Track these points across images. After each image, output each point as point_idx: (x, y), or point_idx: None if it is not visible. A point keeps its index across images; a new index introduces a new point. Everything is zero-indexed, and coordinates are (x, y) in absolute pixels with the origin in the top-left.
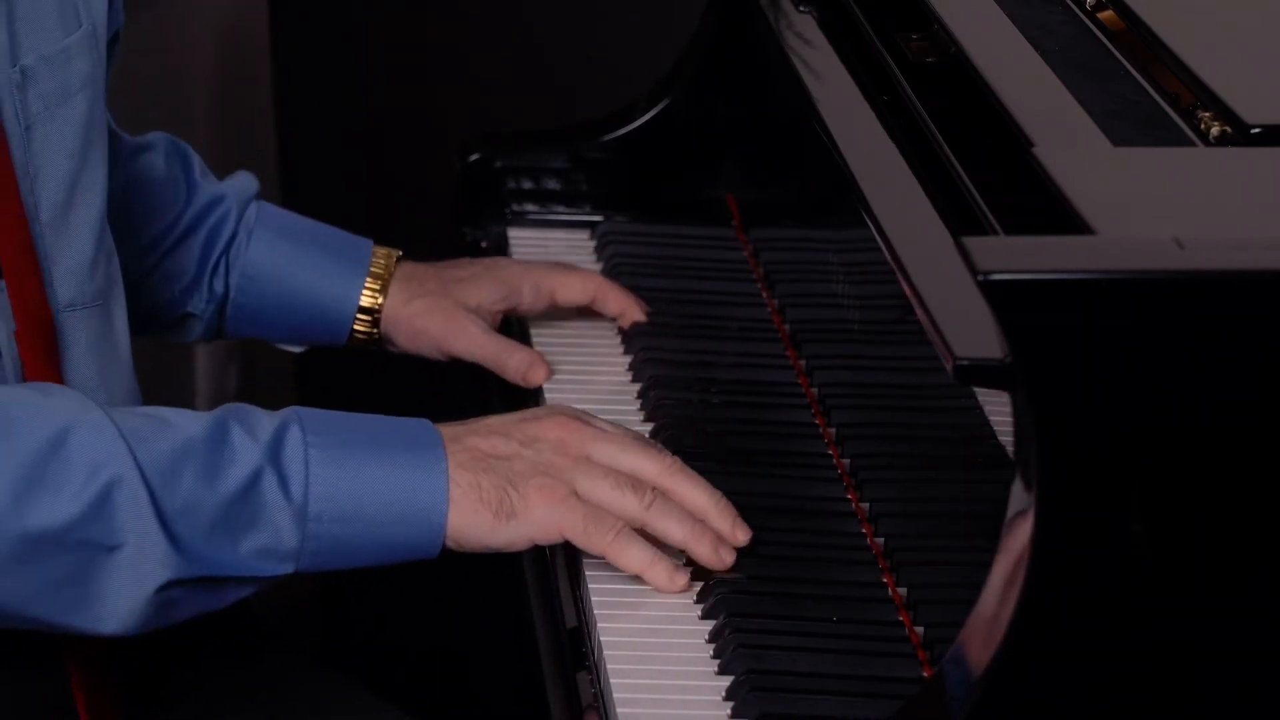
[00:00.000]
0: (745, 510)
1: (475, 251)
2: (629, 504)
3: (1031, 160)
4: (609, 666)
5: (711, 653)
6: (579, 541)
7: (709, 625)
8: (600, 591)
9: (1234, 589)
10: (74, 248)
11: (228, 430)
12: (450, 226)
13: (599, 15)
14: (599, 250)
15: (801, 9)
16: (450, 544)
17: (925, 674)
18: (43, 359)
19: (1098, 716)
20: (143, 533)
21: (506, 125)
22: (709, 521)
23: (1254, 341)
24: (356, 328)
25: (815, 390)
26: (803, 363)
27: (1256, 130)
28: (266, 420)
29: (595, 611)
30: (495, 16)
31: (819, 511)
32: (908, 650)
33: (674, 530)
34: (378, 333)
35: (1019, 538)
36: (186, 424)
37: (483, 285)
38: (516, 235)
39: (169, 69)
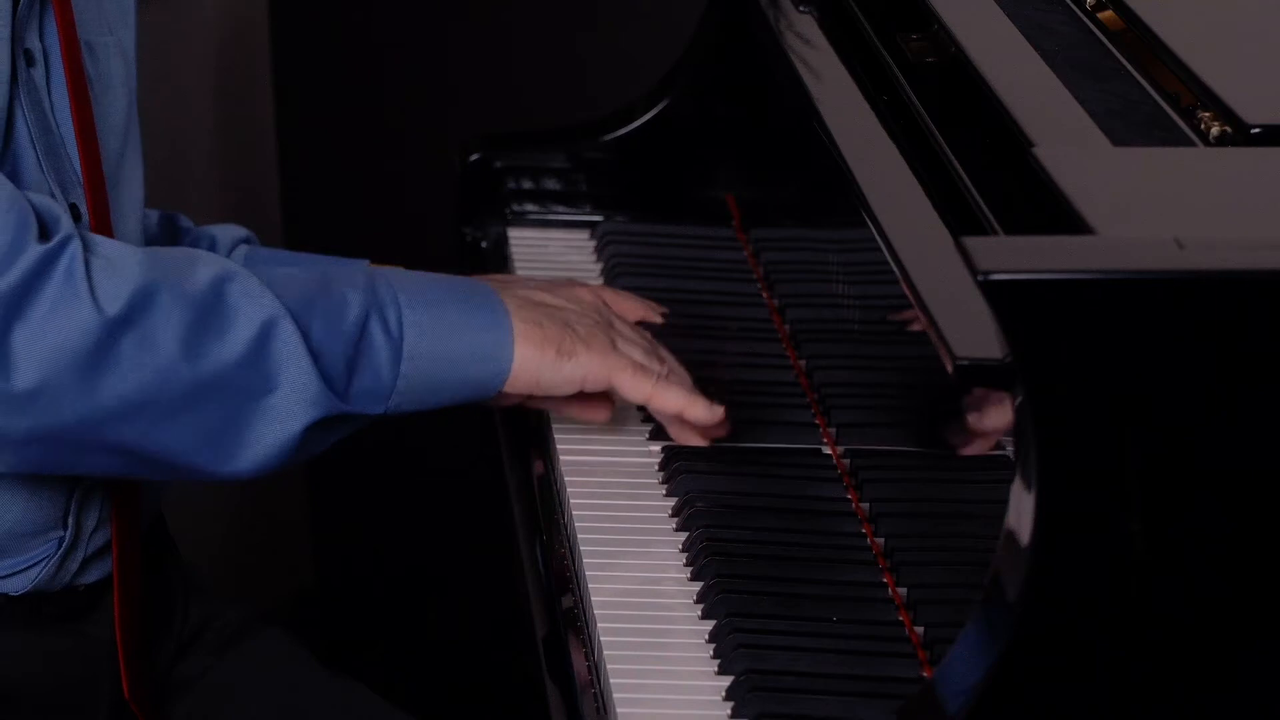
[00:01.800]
0: (745, 510)
1: (475, 251)
2: (655, 365)
3: (1031, 160)
4: (609, 666)
5: (711, 653)
6: (626, 386)
7: (709, 625)
8: (600, 592)
9: (1234, 588)
10: (122, 223)
11: (330, 281)
12: (450, 226)
13: (599, 15)
14: (599, 250)
15: (801, 9)
16: (508, 384)
17: (925, 674)
18: None
19: (1098, 716)
20: (297, 374)
21: (507, 125)
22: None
23: (1254, 341)
24: None
25: (815, 390)
26: (803, 363)
27: (1256, 130)
28: (355, 273)
29: (595, 612)
30: (495, 16)
31: (819, 511)
32: (908, 650)
33: (682, 390)
34: None
35: (1019, 537)
36: (295, 275)
37: None
38: (516, 235)
39: (169, 69)
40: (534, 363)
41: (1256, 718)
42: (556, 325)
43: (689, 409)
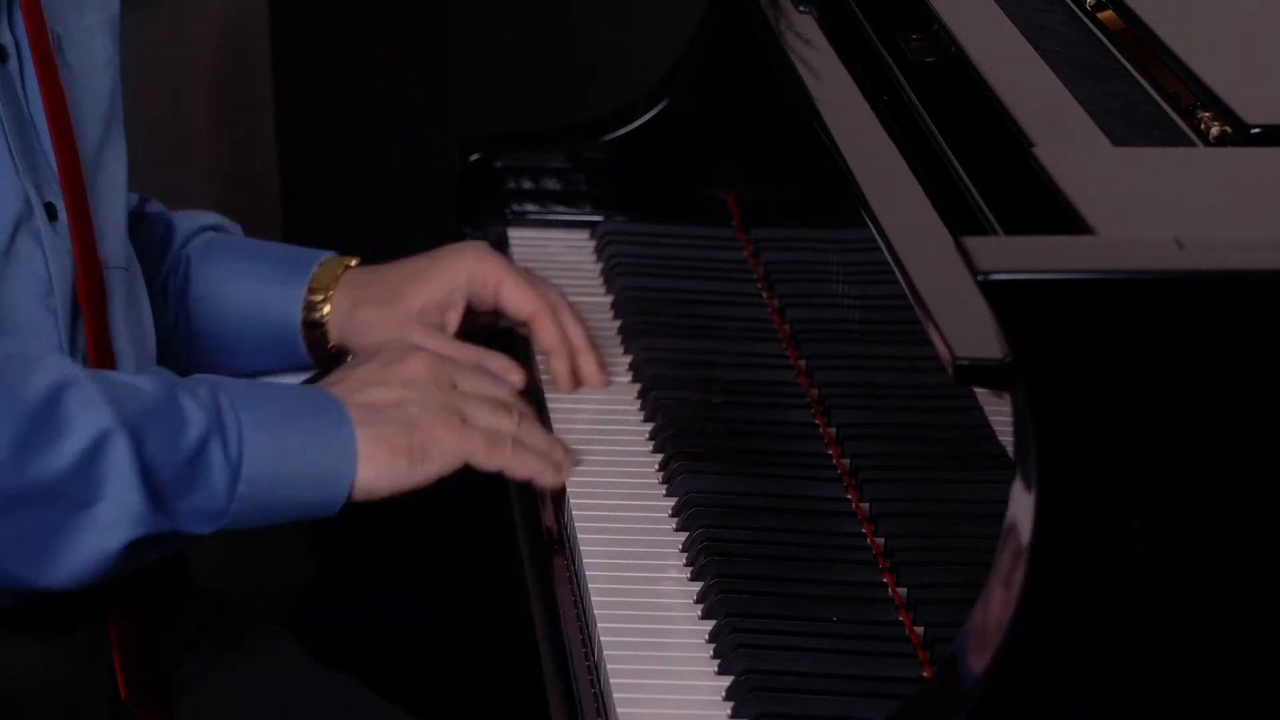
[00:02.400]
0: (745, 510)
1: None
2: (506, 424)
3: (1031, 160)
4: (609, 666)
5: (711, 653)
6: (483, 462)
7: (709, 625)
8: (600, 592)
9: (1234, 588)
10: (104, 209)
11: (176, 394)
12: (450, 226)
13: (599, 15)
14: (599, 250)
15: (801, 9)
16: (359, 496)
17: (925, 674)
18: (99, 308)
19: (1098, 716)
20: (123, 488)
21: (507, 125)
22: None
23: (1254, 341)
24: (314, 343)
25: (815, 390)
26: (803, 363)
27: (1256, 130)
28: (200, 388)
29: (595, 611)
30: (495, 16)
31: (819, 511)
32: (908, 650)
33: (539, 445)
34: (335, 347)
35: (1019, 537)
36: (139, 385)
37: (425, 283)
38: (516, 235)
39: (169, 69)
40: (386, 476)
41: (1257, 718)
42: (401, 428)
43: (539, 476)
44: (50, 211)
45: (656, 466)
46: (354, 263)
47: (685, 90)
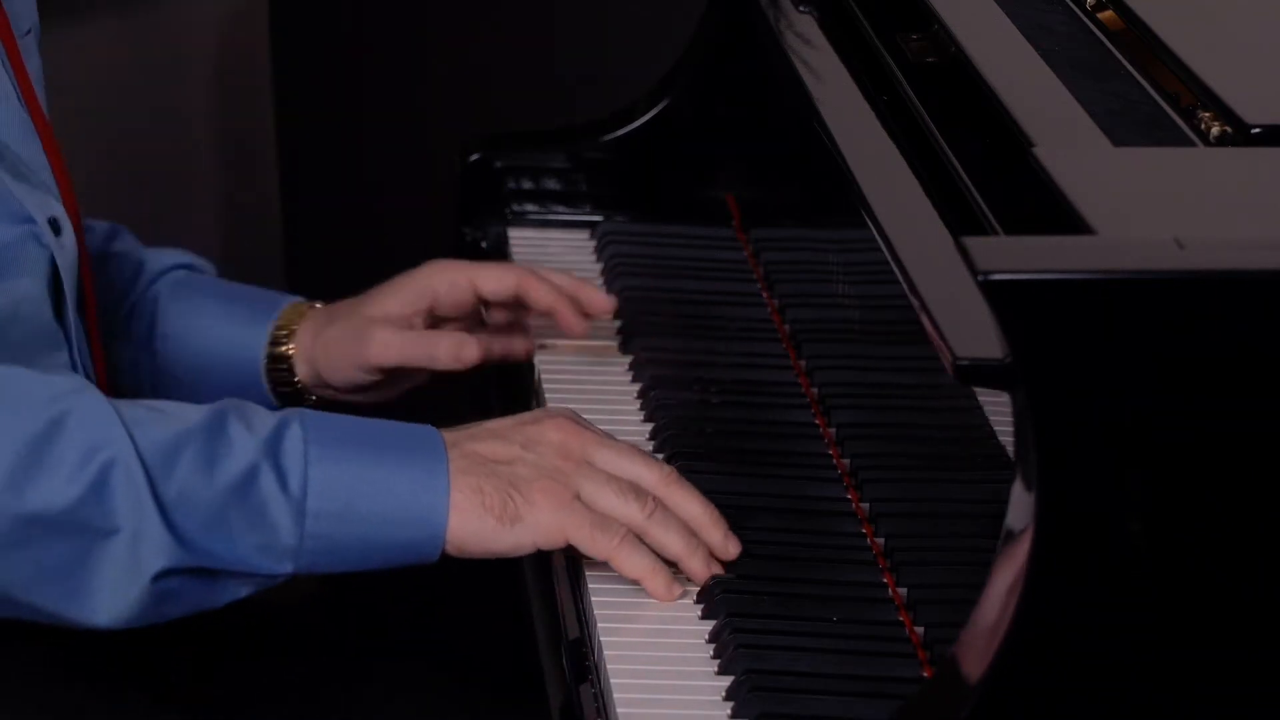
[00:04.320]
0: (745, 510)
1: (475, 252)
2: (632, 511)
3: (1031, 160)
4: (609, 668)
5: (711, 653)
6: (584, 546)
7: (709, 625)
8: (601, 593)
9: (1234, 588)
10: None
11: (225, 423)
12: (450, 226)
13: (599, 16)
14: (599, 250)
15: (801, 9)
16: (452, 549)
17: (925, 674)
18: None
19: (1098, 716)
20: (139, 517)
21: (506, 125)
22: (702, 534)
23: (1254, 341)
24: (278, 380)
25: (815, 390)
26: (803, 363)
27: (1256, 130)
28: (267, 417)
29: (596, 613)
30: (495, 16)
31: (819, 511)
32: (908, 650)
33: (672, 542)
34: (301, 381)
35: (1019, 538)
36: (183, 414)
37: (392, 294)
38: (516, 235)
39: (169, 69)
40: (474, 533)
41: (1257, 718)
42: (500, 487)
43: (649, 581)
44: (55, 227)
45: None
46: (319, 305)
47: (685, 90)
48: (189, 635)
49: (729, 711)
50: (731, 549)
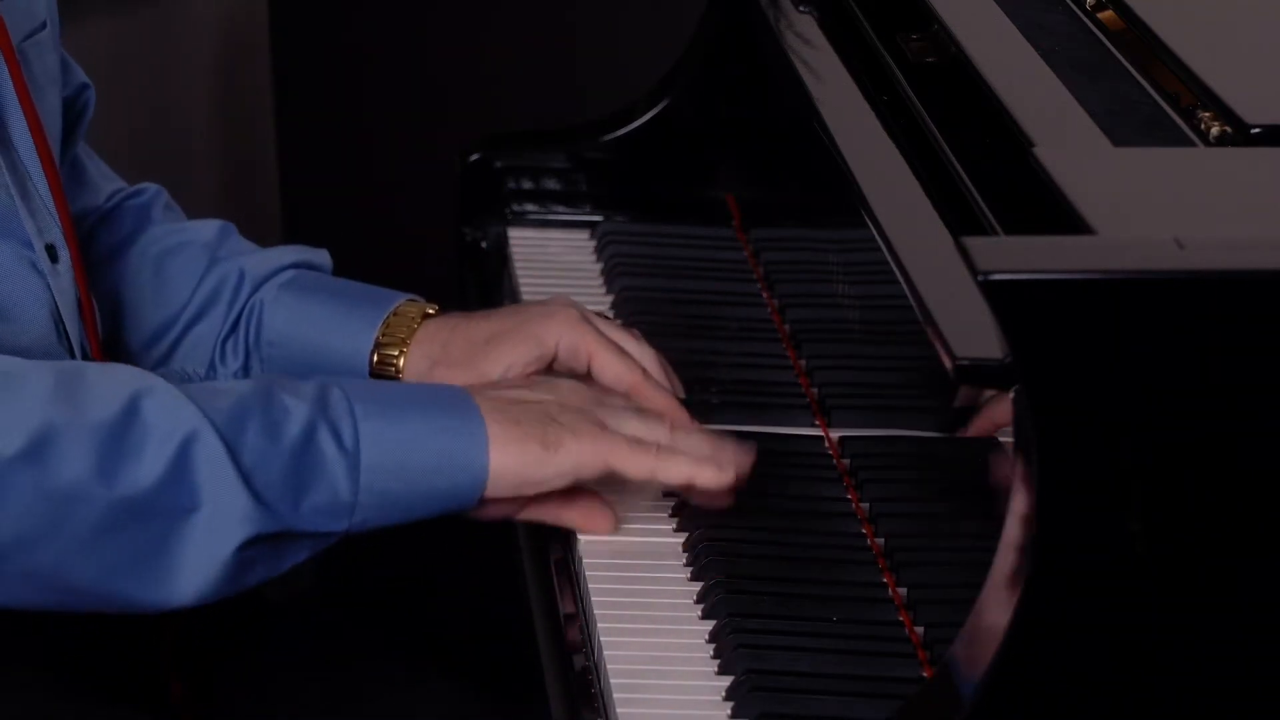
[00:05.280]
0: (745, 510)
1: (475, 251)
2: (658, 432)
3: (1031, 160)
4: (609, 666)
5: (711, 653)
6: (625, 464)
7: (709, 625)
8: (601, 592)
9: (1234, 588)
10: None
11: (272, 390)
12: (450, 226)
13: (599, 16)
14: (599, 250)
15: (801, 9)
16: (494, 485)
17: (925, 674)
18: (95, 337)
19: (1098, 716)
20: (222, 489)
21: (507, 125)
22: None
23: (1254, 341)
24: None
25: (815, 390)
26: (803, 363)
27: (1256, 130)
28: (306, 385)
29: (596, 613)
30: (495, 17)
31: (819, 511)
32: (908, 650)
33: (698, 449)
34: None
35: (1019, 538)
36: (234, 388)
37: (510, 347)
38: (516, 235)
39: (169, 68)
40: (516, 462)
41: (1256, 717)
42: (535, 419)
43: (697, 476)
44: (52, 254)
45: None
46: (433, 310)
47: (685, 90)
48: (186, 633)
49: (729, 711)
50: (746, 459)
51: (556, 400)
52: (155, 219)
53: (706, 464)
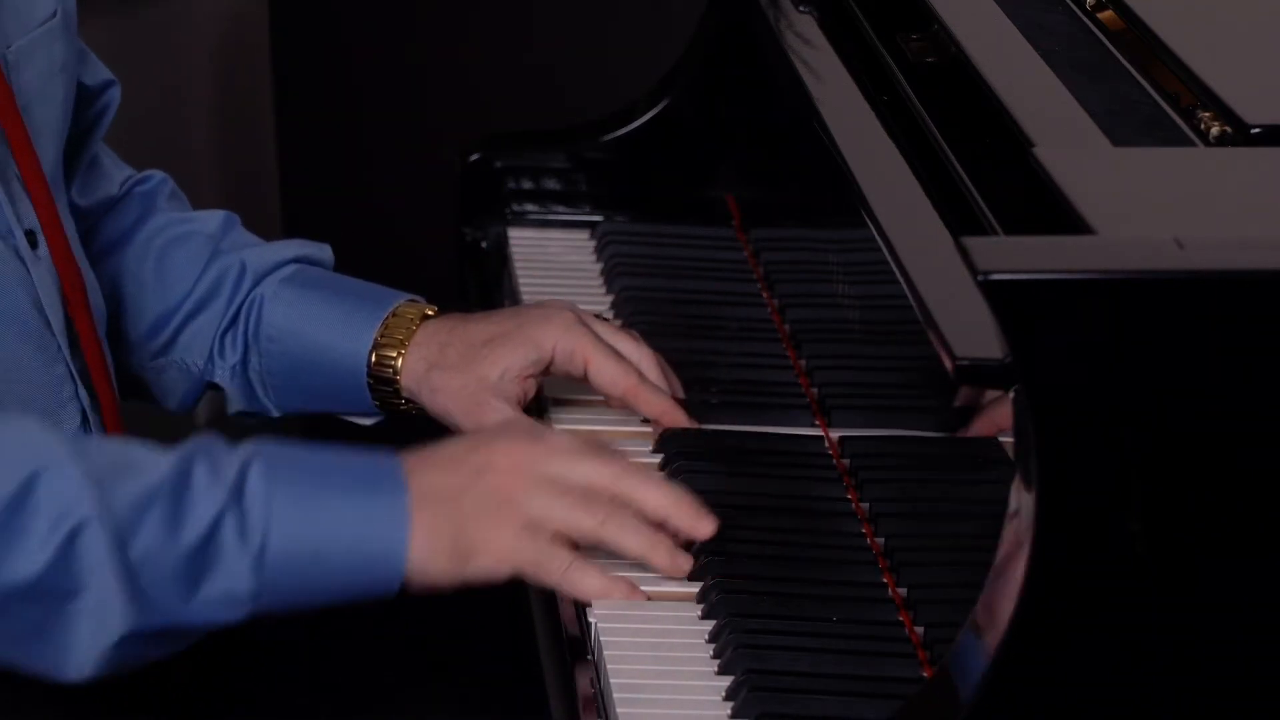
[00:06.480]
0: (745, 510)
1: (475, 251)
2: (583, 523)
3: (1031, 160)
4: (609, 666)
5: (711, 653)
6: (531, 577)
7: (709, 625)
8: None
9: (1234, 588)
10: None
11: (191, 472)
12: (450, 226)
13: (599, 16)
14: (599, 250)
15: (801, 9)
16: (410, 585)
17: (925, 674)
18: (89, 331)
19: (1098, 716)
20: (102, 584)
21: (506, 125)
22: (670, 522)
23: (1254, 341)
24: (383, 391)
25: (815, 390)
26: (803, 363)
27: (1256, 130)
28: (231, 458)
29: (596, 613)
30: (495, 17)
31: (819, 511)
32: (908, 650)
33: (629, 544)
34: (403, 403)
35: (1019, 537)
36: (153, 465)
37: (507, 351)
38: (516, 235)
39: (169, 69)
40: (428, 571)
41: (1256, 717)
42: (454, 522)
43: (611, 590)
44: (31, 240)
45: (657, 466)
46: (432, 311)
47: (685, 90)
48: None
49: (729, 711)
50: (704, 529)
51: (483, 489)
52: (160, 207)
53: (616, 590)
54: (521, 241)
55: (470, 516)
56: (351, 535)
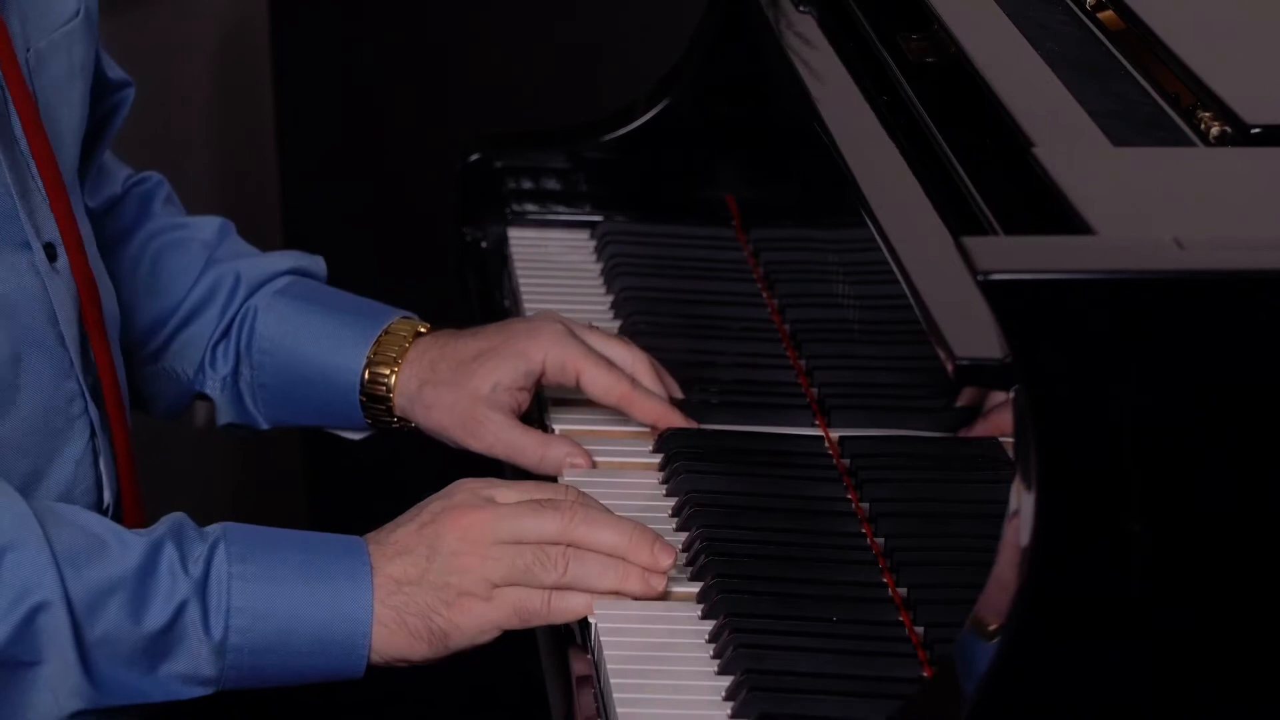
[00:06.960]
0: (745, 510)
1: (475, 251)
2: (545, 578)
3: (1031, 160)
4: (609, 666)
5: (711, 653)
6: (523, 625)
7: (709, 625)
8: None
9: (1234, 588)
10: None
11: (159, 559)
12: (450, 226)
13: (599, 16)
14: (599, 250)
15: (801, 9)
16: (381, 664)
17: (925, 674)
18: (104, 352)
19: (1098, 716)
20: (60, 661)
21: (507, 125)
22: (628, 558)
23: (1254, 341)
24: (375, 409)
25: (815, 390)
26: (803, 363)
27: (1256, 130)
28: (199, 547)
29: (596, 613)
30: (495, 16)
31: (819, 511)
32: (908, 650)
33: (599, 585)
34: (395, 421)
35: (1019, 537)
36: (123, 549)
37: (496, 364)
38: (516, 235)
39: (169, 69)
40: (400, 654)
41: (1256, 716)
42: (420, 613)
43: (591, 613)
44: (50, 252)
45: (657, 466)
46: (424, 329)
47: (685, 90)
48: None
49: (729, 711)
50: (664, 561)
51: (439, 571)
52: (155, 211)
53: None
54: (521, 241)
55: (437, 600)
56: (314, 624)
